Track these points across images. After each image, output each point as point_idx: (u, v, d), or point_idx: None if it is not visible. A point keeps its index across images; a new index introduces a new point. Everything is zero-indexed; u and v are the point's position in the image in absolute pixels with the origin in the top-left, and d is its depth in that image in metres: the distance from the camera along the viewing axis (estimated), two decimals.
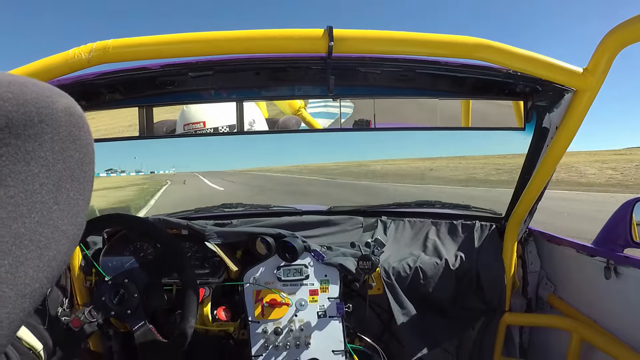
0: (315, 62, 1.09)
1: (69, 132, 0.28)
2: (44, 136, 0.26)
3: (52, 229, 0.27)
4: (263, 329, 1.42)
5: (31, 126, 0.25)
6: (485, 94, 1.26)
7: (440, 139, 76.37)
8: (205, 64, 1.11)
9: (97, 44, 0.94)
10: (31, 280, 0.26)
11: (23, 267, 0.25)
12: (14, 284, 0.25)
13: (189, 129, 1.23)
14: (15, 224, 0.25)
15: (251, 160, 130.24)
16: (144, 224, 1.32)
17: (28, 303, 0.26)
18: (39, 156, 0.26)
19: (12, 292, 0.24)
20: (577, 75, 0.97)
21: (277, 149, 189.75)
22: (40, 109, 0.26)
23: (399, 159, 54.80)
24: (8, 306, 0.24)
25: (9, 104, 0.24)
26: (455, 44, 0.95)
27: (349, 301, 1.49)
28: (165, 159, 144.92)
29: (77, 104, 0.31)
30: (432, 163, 37.38)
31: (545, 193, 1.36)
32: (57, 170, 0.28)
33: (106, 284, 1.24)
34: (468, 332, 1.66)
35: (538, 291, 1.59)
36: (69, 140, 0.28)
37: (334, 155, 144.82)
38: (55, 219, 0.27)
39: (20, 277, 0.25)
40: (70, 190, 0.29)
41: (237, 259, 1.51)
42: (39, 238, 0.26)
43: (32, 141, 0.25)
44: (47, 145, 0.26)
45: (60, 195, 0.28)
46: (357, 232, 1.68)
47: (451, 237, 1.63)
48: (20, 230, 0.25)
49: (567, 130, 1.13)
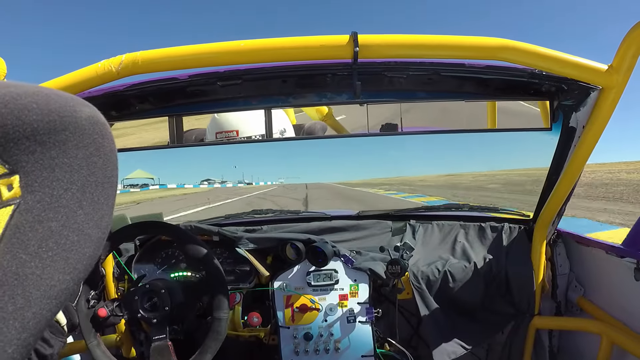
0: (341, 68, 1.11)
1: (93, 140, 0.29)
2: (68, 143, 0.27)
3: (77, 232, 0.28)
4: (293, 334, 1.43)
5: (55, 134, 0.26)
6: (510, 95, 1.26)
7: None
8: (232, 73, 1.13)
9: (127, 56, 0.96)
10: (57, 282, 0.27)
11: (49, 269, 0.26)
12: (40, 285, 0.26)
13: (222, 137, 1.25)
14: (41, 227, 0.26)
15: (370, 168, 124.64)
16: (184, 235, 1.30)
17: (54, 304, 0.27)
18: (63, 162, 0.27)
19: (39, 293, 0.25)
20: (602, 73, 0.97)
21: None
22: (63, 118, 0.27)
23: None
24: (34, 307, 0.25)
25: (33, 114, 0.25)
26: (480, 45, 0.96)
27: (378, 306, 1.49)
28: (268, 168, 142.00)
29: (103, 113, 0.32)
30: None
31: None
32: (82, 176, 0.29)
33: (143, 287, 1.24)
34: (497, 336, 1.65)
35: (567, 294, 1.57)
36: (93, 147, 0.29)
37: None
38: (80, 222, 0.29)
39: (47, 279, 0.26)
40: (94, 195, 0.30)
41: (267, 264, 1.52)
42: (65, 241, 0.27)
43: (56, 148, 0.27)
44: (71, 152, 0.28)
45: (84, 200, 0.29)
46: (386, 236, 1.68)
47: (480, 240, 1.62)
48: (46, 233, 0.26)
49: (594, 129, 1.12)
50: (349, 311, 1.43)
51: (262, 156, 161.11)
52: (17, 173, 0.25)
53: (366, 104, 1.24)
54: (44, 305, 0.26)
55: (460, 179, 31.99)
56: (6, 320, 0.24)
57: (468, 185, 25.90)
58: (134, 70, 0.96)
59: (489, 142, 52.79)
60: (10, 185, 0.25)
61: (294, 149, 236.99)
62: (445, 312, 1.47)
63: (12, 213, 0.25)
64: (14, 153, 0.24)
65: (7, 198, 0.24)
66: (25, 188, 0.25)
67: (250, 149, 43.50)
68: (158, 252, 1.57)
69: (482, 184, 25.69)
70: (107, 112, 1.26)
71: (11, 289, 0.24)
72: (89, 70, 0.96)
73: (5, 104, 0.23)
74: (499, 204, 1.97)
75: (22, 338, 0.24)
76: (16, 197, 0.25)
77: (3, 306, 0.24)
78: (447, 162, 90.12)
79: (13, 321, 0.24)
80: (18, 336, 0.24)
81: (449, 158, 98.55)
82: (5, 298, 0.24)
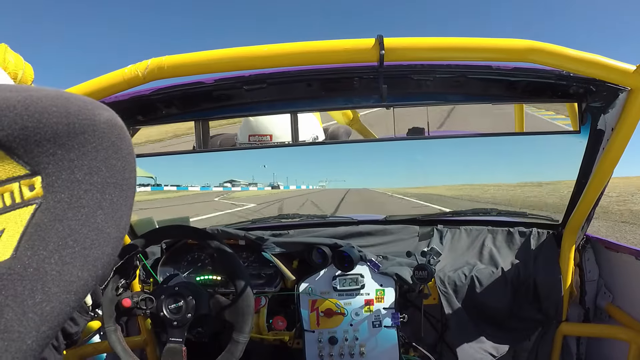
0: (367, 71, 1.11)
1: (111, 143, 0.30)
2: (87, 146, 0.28)
3: (96, 231, 0.29)
4: (318, 338, 1.43)
5: (75, 137, 0.27)
6: (538, 97, 1.24)
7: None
8: (258, 76, 1.14)
9: (152, 61, 0.96)
10: (76, 278, 0.28)
11: (68, 266, 0.27)
12: (59, 281, 0.26)
13: (255, 140, 1.26)
14: (61, 226, 0.27)
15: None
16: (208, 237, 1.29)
17: (73, 299, 0.28)
18: (83, 164, 0.28)
19: (58, 288, 0.26)
20: (630, 74, 0.94)
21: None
22: (83, 121, 0.28)
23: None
24: (54, 301, 0.26)
25: (54, 117, 0.26)
26: (508, 48, 0.94)
27: (404, 311, 1.48)
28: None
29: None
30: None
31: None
32: (101, 177, 0.29)
33: (171, 288, 1.23)
34: (524, 342, 1.62)
35: (596, 300, 1.54)
36: (112, 150, 0.30)
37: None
38: (99, 222, 0.29)
39: (66, 275, 0.27)
40: (113, 196, 0.31)
41: (293, 268, 1.53)
42: (84, 239, 0.28)
43: (76, 150, 0.27)
44: (90, 155, 0.28)
45: (104, 201, 0.30)
46: (413, 241, 1.67)
47: (507, 245, 1.60)
48: (66, 232, 0.27)
49: (623, 131, 1.09)
50: (375, 316, 1.43)
51: (307, 161, 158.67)
52: (39, 174, 0.26)
53: (392, 107, 1.24)
54: (62, 300, 0.27)
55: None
56: (26, 313, 0.24)
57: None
58: (159, 75, 0.97)
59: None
60: (32, 185, 0.25)
61: (342, 153, 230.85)
62: (472, 318, 1.46)
63: (33, 212, 0.26)
64: (36, 155, 0.25)
65: (29, 198, 0.25)
66: (46, 188, 0.26)
67: (292, 152, 41.19)
68: (184, 256, 1.58)
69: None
70: (134, 116, 1.27)
71: (31, 284, 0.25)
72: (115, 75, 0.97)
73: (26, 107, 0.24)
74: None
75: (40, 331, 0.25)
76: (38, 197, 0.26)
77: (23, 300, 0.24)
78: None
79: (32, 314, 0.25)
80: (37, 329, 0.25)
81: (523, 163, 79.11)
82: (25, 292, 0.25)
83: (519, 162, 63.48)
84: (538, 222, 1.67)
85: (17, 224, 0.25)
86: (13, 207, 0.25)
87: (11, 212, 0.25)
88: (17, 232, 0.25)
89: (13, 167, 0.25)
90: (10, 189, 0.25)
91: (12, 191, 0.25)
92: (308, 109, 1.33)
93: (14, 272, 0.24)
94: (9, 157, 0.24)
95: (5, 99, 0.24)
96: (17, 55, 0.62)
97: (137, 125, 1.32)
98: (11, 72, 0.60)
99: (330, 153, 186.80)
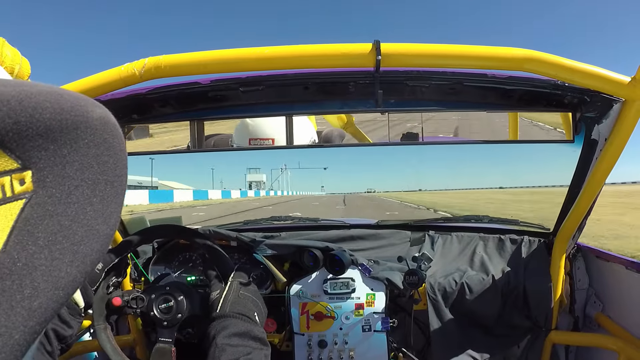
0: (363, 76, 1.11)
1: (104, 139, 0.30)
2: (80, 142, 0.28)
3: (86, 227, 0.29)
4: (308, 342, 1.42)
5: (67, 133, 0.27)
6: (533, 106, 1.25)
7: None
8: (254, 78, 1.13)
9: (149, 60, 0.95)
10: (65, 274, 0.27)
11: (57, 261, 0.27)
12: (48, 276, 0.26)
13: (256, 143, 1.25)
14: (51, 221, 0.27)
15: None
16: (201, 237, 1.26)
17: (61, 295, 0.27)
18: (74, 160, 0.28)
19: (47, 284, 0.26)
20: (624, 85, 0.95)
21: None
22: (75, 117, 0.27)
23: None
24: (42, 297, 0.26)
25: (47, 112, 0.26)
26: (505, 56, 0.94)
27: (394, 316, 1.48)
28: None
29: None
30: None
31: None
32: (92, 174, 0.29)
33: (162, 288, 1.21)
34: (513, 350, 1.63)
35: (586, 309, 1.55)
36: (104, 147, 0.30)
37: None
38: (90, 218, 0.29)
39: (55, 271, 0.27)
40: (104, 193, 0.31)
41: (284, 271, 1.52)
42: (74, 235, 0.28)
43: (68, 146, 0.27)
44: (82, 151, 0.28)
45: (94, 197, 0.30)
46: (404, 246, 1.67)
47: (498, 253, 1.61)
48: (56, 227, 0.27)
49: (617, 141, 1.10)
50: (365, 320, 1.43)
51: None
52: (30, 169, 0.26)
53: (387, 112, 1.24)
54: (51, 295, 0.27)
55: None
56: (14, 308, 0.24)
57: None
58: (156, 74, 0.96)
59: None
60: (23, 180, 0.25)
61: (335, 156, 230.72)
62: (460, 324, 1.46)
63: (23, 206, 0.25)
64: (27, 149, 0.25)
65: (19, 192, 0.25)
66: (37, 183, 0.26)
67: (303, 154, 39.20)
68: (176, 255, 1.58)
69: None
70: (129, 114, 1.27)
71: (20, 279, 0.25)
72: (112, 73, 0.97)
73: (19, 102, 0.24)
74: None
75: (28, 325, 0.25)
76: (28, 191, 0.26)
77: (12, 295, 0.24)
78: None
79: (20, 309, 0.25)
80: (25, 323, 0.25)
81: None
82: (14, 287, 0.24)
83: (512, 170, 62.95)
84: (529, 230, 1.68)
85: (6, 218, 0.25)
86: (4, 201, 0.25)
87: (1, 206, 0.25)
88: (6, 226, 0.25)
89: (5, 161, 0.25)
90: (2, 183, 0.25)
91: (3, 185, 0.25)
92: (304, 112, 1.33)
93: (2, 266, 0.24)
94: (1, 151, 0.24)
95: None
96: (15, 49, 0.62)
97: (132, 124, 1.32)
98: (8, 67, 0.59)
99: (325, 155, 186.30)
